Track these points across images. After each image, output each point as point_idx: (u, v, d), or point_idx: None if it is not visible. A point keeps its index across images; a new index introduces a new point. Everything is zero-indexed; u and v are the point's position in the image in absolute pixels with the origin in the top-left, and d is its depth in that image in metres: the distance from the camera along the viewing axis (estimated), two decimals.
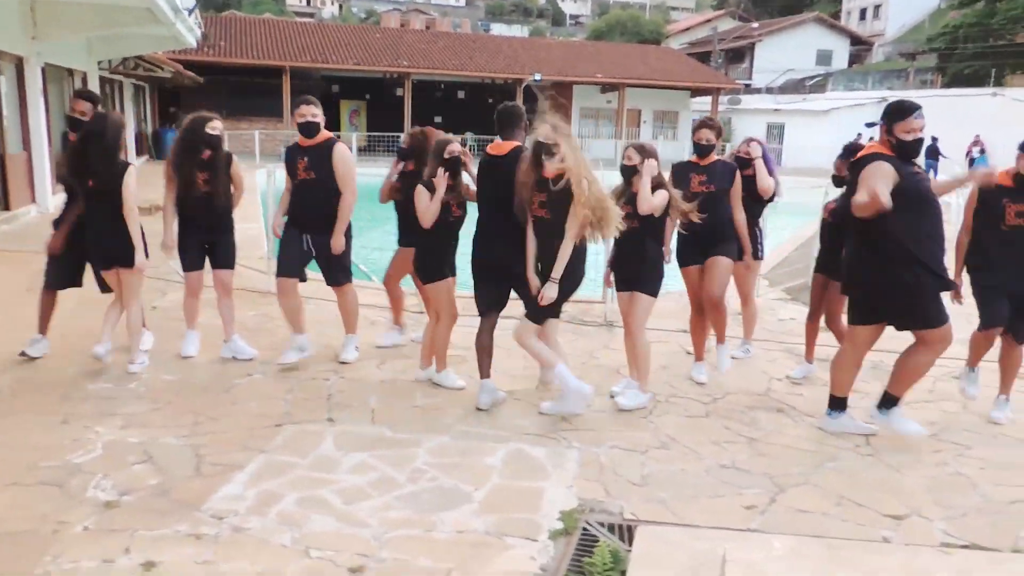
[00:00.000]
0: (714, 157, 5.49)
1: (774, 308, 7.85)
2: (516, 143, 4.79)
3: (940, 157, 24.94)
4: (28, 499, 3.48)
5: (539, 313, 4.61)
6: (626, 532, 3.44)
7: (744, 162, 5.70)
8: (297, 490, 3.65)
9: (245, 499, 3.54)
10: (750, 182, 5.63)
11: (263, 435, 4.26)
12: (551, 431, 4.51)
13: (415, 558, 3.14)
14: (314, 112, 5.27)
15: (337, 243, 5.31)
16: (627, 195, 4.88)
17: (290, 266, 5.38)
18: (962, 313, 4.94)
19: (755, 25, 55.61)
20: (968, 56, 41.17)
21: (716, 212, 5.31)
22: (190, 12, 12.95)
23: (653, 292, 4.95)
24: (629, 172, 4.89)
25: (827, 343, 6.41)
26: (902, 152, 4.28)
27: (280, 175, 5.89)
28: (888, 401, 4.56)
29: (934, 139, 24.48)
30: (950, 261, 4.57)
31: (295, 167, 5.31)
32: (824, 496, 3.87)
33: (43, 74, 12.88)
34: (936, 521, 3.64)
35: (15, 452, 3.93)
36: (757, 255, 5.99)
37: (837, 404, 4.71)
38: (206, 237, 5.58)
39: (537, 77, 31.76)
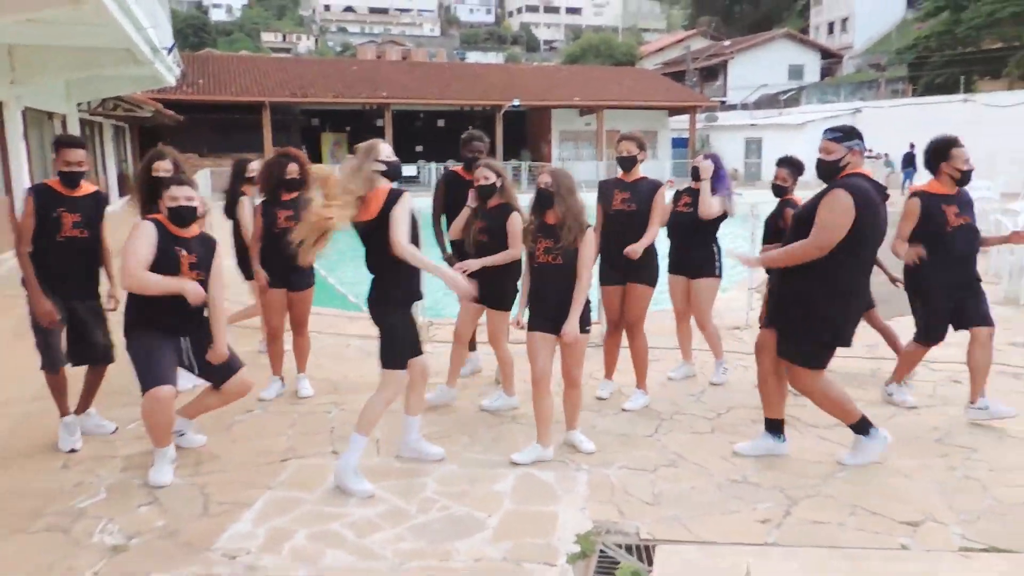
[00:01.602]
0: (640, 173, 5.25)
1: None
2: None
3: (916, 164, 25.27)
4: (34, 547, 3.41)
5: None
6: (644, 552, 3.41)
7: (698, 173, 5.61)
8: (308, 525, 3.59)
9: (256, 537, 3.48)
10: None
11: (268, 471, 4.20)
12: (558, 455, 4.47)
13: None
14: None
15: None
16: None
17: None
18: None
19: (727, 43, 56.30)
20: (939, 65, 41.82)
21: (637, 232, 5.12)
22: (169, 51, 12.92)
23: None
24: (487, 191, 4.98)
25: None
26: None
27: None
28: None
29: (911, 146, 24.86)
30: None
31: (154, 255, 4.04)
32: (838, 506, 3.85)
33: (23, 118, 12.82)
34: (952, 525, 3.64)
35: (17, 499, 3.86)
36: (716, 272, 5.74)
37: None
38: None
39: (516, 103, 31.93)
